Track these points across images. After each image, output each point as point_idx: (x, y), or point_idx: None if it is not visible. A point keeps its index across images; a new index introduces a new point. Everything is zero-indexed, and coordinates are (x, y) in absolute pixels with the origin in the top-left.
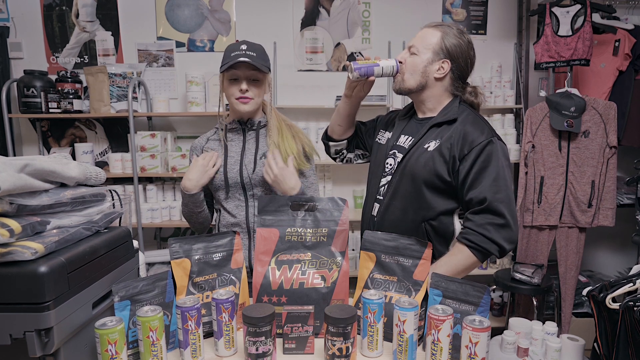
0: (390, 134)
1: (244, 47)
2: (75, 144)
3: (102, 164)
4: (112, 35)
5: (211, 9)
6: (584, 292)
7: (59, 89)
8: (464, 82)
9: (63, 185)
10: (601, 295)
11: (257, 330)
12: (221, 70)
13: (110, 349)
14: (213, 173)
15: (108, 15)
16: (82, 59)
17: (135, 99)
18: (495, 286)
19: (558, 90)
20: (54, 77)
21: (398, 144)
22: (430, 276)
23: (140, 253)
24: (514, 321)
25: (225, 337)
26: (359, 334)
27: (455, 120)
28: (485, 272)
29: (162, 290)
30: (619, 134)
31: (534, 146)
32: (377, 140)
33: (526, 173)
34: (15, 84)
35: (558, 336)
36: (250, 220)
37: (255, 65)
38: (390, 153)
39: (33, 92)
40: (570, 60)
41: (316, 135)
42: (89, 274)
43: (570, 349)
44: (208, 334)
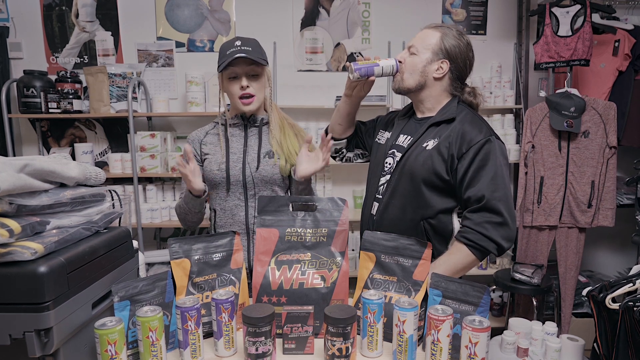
0: (390, 134)
1: (238, 43)
2: (75, 144)
3: (102, 164)
4: (112, 35)
5: (211, 9)
6: (584, 292)
7: (59, 89)
8: (463, 83)
9: (63, 186)
10: (601, 295)
11: (257, 330)
12: (219, 69)
13: (109, 349)
14: (196, 168)
15: (108, 15)
16: (82, 59)
17: (135, 99)
18: (495, 286)
19: (558, 91)
20: (53, 77)
21: (397, 143)
22: (430, 276)
23: (140, 253)
24: (514, 321)
25: (225, 338)
26: (358, 334)
27: (453, 119)
28: (485, 272)
29: (162, 290)
30: (618, 134)
31: (533, 146)
32: (377, 140)
33: (526, 173)
34: (15, 84)
35: (558, 336)
36: (250, 221)
37: (252, 59)
38: (389, 152)
39: (33, 92)
40: (570, 60)
41: (316, 136)
42: (89, 274)
43: (570, 349)
44: (208, 334)
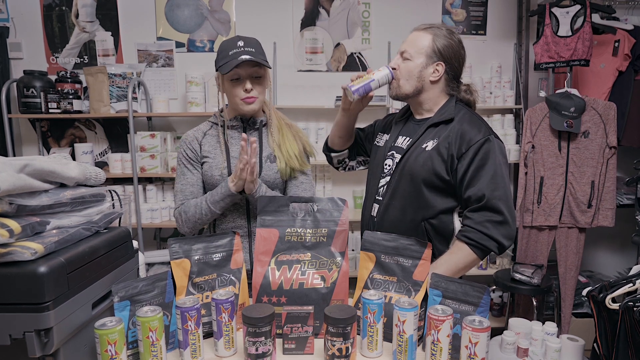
0: (388, 136)
1: (241, 44)
2: (75, 144)
3: (102, 164)
4: (112, 35)
5: (211, 9)
6: (584, 293)
7: (59, 89)
8: (458, 81)
9: (63, 186)
10: (601, 295)
11: (257, 330)
12: (224, 71)
13: (109, 349)
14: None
15: (108, 16)
16: (82, 59)
17: (135, 99)
18: (495, 286)
19: (558, 91)
20: (53, 78)
21: (396, 145)
22: (430, 276)
23: (140, 253)
24: (514, 321)
25: (225, 338)
26: (358, 334)
27: (452, 119)
28: (485, 272)
29: (162, 290)
30: (618, 135)
31: (533, 146)
32: (376, 142)
33: (526, 173)
34: (15, 84)
35: (558, 336)
36: (251, 224)
37: (258, 62)
38: (388, 154)
39: (33, 93)
40: (569, 60)
41: (316, 136)
42: (89, 274)
43: (570, 349)
44: (208, 334)
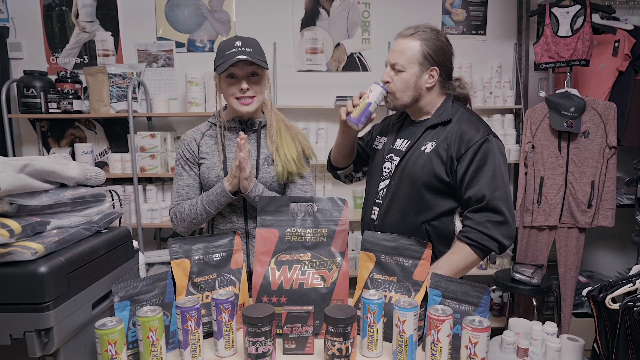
0: (386, 139)
1: (238, 44)
2: (75, 144)
3: (102, 165)
4: (112, 35)
5: (211, 9)
6: (584, 293)
7: (59, 89)
8: (450, 79)
9: (63, 186)
10: (601, 295)
11: (257, 330)
12: (219, 71)
13: (110, 349)
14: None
15: (108, 16)
16: (82, 59)
17: (135, 99)
18: (495, 286)
19: (558, 91)
20: (53, 78)
21: (395, 147)
22: (430, 276)
23: (140, 253)
24: (514, 321)
25: (225, 338)
26: (358, 334)
27: (449, 120)
28: (485, 272)
29: (162, 290)
30: (618, 135)
31: (533, 146)
32: (374, 146)
33: (526, 173)
34: (15, 84)
35: (558, 336)
36: (249, 225)
37: (254, 62)
38: (387, 157)
39: (33, 93)
40: (569, 60)
41: (316, 136)
42: (89, 274)
43: (570, 349)
44: (208, 334)
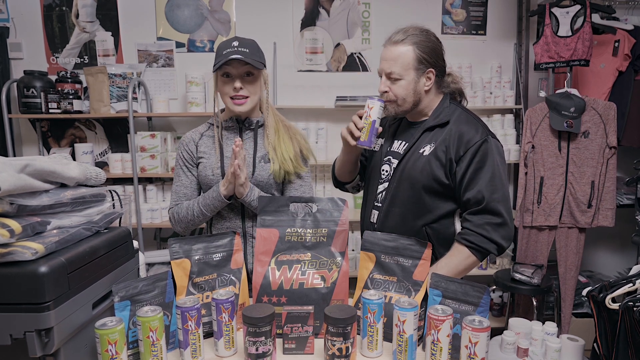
0: (383, 140)
1: (235, 44)
2: (75, 145)
3: (102, 165)
4: (112, 35)
5: (211, 9)
6: (584, 293)
7: (59, 89)
8: (444, 76)
9: (63, 186)
10: (601, 295)
11: (257, 330)
12: (214, 69)
13: (110, 349)
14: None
15: (108, 16)
16: (82, 60)
17: (135, 99)
18: (495, 286)
19: (558, 91)
20: (54, 78)
21: (392, 149)
22: (430, 276)
23: (140, 253)
24: (514, 321)
25: (225, 337)
26: (358, 334)
27: (447, 122)
28: (485, 272)
29: (162, 290)
30: (618, 135)
31: (533, 146)
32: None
33: (526, 173)
34: (15, 84)
35: (558, 336)
36: (246, 224)
37: (247, 62)
38: (385, 159)
39: (33, 93)
40: (569, 60)
41: (316, 136)
42: (89, 274)
43: (570, 349)
44: (208, 334)
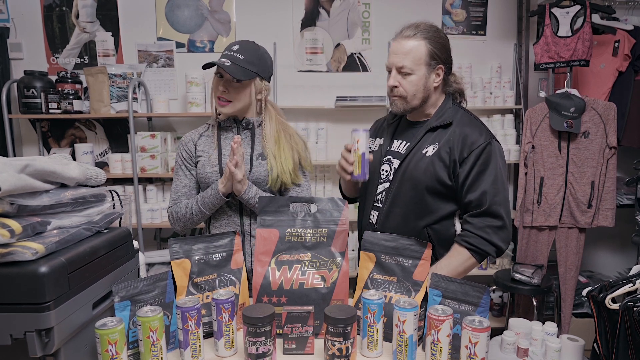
0: (382, 140)
1: (235, 48)
2: (75, 145)
3: (102, 165)
4: (112, 35)
5: (211, 9)
6: (584, 293)
7: (59, 89)
8: (450, 74)
9: (63, 186)
10: (601, 295)
11: (257, 330)
12: (203, 66)
13: (110, 349)
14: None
15: (108, 16)
16: (82, 60)
17: (135, 99)
18: (495, 286)
19: (558, 91)
20: (54, 78)
21: (392, 149)
22: (430, 276)
23: (140, 253)
24: (514, 321)
25: (225, 338)
26: (358, 334)
27: (450, 123)
28: (485, 273)
29: (162, 290)
30: (618, 135)
31: (533, 147)
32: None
33: (526, 173)
34: (15, 84)
35: (558, 336)
36: (244, 222)
37: (227, 72)
38: (384, 159)
39: (33, 93)
40: (569, 60)
41: (316, 136)
42: (89, 274)
43: (570, 349)
44: (208, 334)
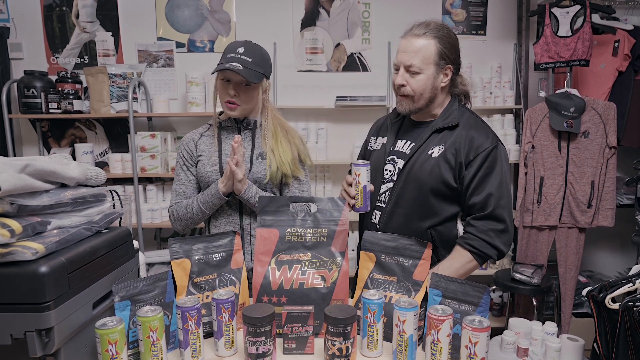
0: (385, 139)
1: (241, 50)
2: (75, 145)
3: (102, 165)
4: (112, 35)
5: (211, 9)
6: (584, 292)
7: (59, 89)
8: (457, 75)
9: (63, 186)
10: (601, 295)
11: (257, 330)
12: (212, 71)
13: (110, 349)
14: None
15: (108, 16)
16: (82, 60)
17: (135, 99)
18: (495, 286)
19: (558, 91)
20: (54, 78)
21: (396, 149)
22: (430, 276)
23: (140, 253)
24: (514, 321)
25: (225, 337)
26: (358, 334)
27: (457, 125)
28: (485, 272)
29: (162, 290)
30: (618, 135)
31: (533, 146)
32: (369, 147)
33: (526, 173)
34: (15, 84)
35: (558, 336)
36: (244, 221)
37: (242, 75)
38: (388, 159)
39: (33, 93)
40: (569, 60)
41: (316, 136)
42: (90, 274)
43: (570, 349)
44: (208, 334)
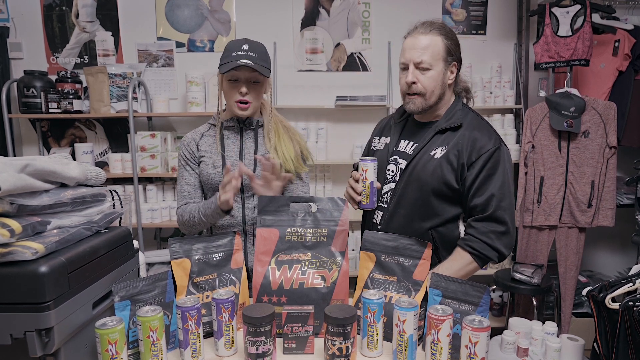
0: (388, 139)
1: (245, 47)
2: (75, 144)
3: (102, 164)
4: (112, 35)
5: (211, 9)
6: (584, 292)
7: (59, 89)
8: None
9: (63, 186)
10: (601, 295)
11: (257, 330)
12: (222, 71)
13: (110, 349)
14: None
15: (108, 16)
16: (82, 59)
17: (135, 99)
18: (495, 286)
19: (558, 91)
20: (54, 78)
21: (399, 149)
22: (430, 276)
23: (140, 253)
24: (514, 321)
25: (225, 337)
26: (358, 334)
27: (460, 125)
28: (485, 272)
29: (162, 290)
30: (618, 134)
31: (533, 146)
32: (373, 147)
33: (526, 173)
34: (15, 84)
35: (558, 336)
36: (247, 222)
37: (256, 69)
38: (391, 159)
39: (33, 93)
40: (570, 60)
41: (316, 136)
42: (89, 274)
43: (570, 349)
44: (208, 334)
